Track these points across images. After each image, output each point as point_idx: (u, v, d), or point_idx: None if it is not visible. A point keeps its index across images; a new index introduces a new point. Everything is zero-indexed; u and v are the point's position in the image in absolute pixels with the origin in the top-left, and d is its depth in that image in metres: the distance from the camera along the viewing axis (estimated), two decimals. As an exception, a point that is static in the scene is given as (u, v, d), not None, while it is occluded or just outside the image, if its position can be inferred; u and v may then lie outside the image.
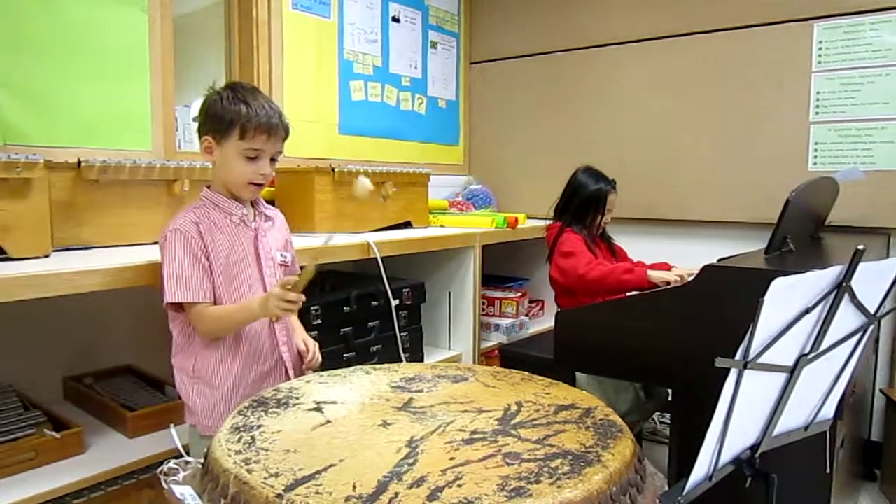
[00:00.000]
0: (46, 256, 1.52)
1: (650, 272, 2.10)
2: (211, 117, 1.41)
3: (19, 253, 1.46)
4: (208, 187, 1.49)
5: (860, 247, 0.87)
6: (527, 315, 3.00)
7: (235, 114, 1.38)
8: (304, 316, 1.80)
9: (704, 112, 2.80)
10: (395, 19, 3.00)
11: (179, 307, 1.41)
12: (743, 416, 0.91)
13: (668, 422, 2.82)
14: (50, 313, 1.80)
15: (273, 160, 1.46)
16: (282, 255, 1.55)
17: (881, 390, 2.49)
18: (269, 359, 1.50)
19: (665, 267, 2.23)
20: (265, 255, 1.49)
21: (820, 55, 2.54)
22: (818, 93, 2.56)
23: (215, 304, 1.41)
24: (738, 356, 0.84)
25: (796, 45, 2.57)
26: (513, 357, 2.42)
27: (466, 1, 3.41)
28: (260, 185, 1.46)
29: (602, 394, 2.04)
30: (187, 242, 1.38)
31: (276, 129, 1.42)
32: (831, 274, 0.89)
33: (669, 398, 2.33)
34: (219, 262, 1.41)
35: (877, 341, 2.46)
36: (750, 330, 0.82)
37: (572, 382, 1.98)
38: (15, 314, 1.66)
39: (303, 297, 1.34)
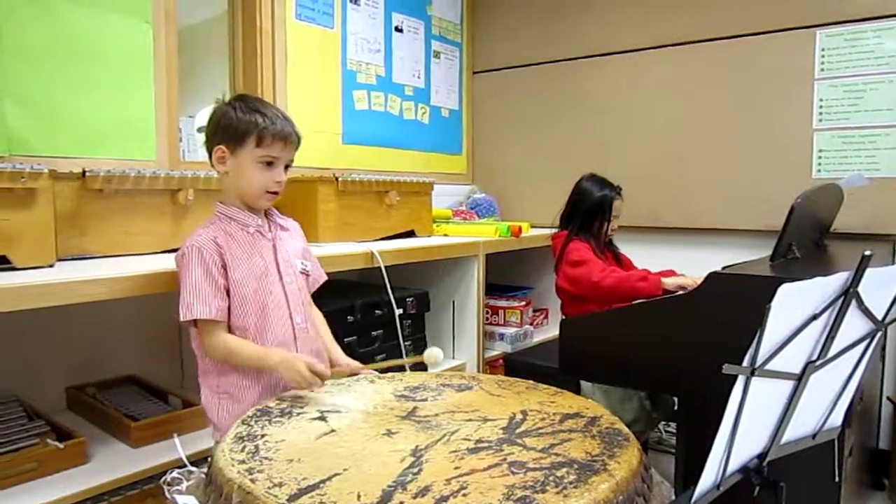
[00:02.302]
0: (50, 266, 1.52)
1: (664, 279, 2.08)
2: (224, 128, 1.41)
3: (23, 262, 1.46)
4: (221, 202, 1.48)
5: (867, 252, 0.87)
6: (531, 324, 2.99)
7: (251, 123, 1.39)
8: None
9: (708, 120, 2.80)
10: (398, 29, 3.01)
11: (195, 324, 1.40)
12: (750, 424, 0.90)
13: (674, 431, 2.80)
14: (54, 323, 1.80)
15: (286, 167, 1.47)
16: (302, 263, 1.55)
17: (888, 398, 2.47)
18: None
19: (672, 275, 2.22)
20: (284, 264, 1.49)
21: (823, 63, 2.54)
22: (821, 100, 2.56)
23: (229, 321, 1.40)
24: (745, 363, 0.83)
25: (799, 52, 2.57)
26: (517, 366, 2.41)
27: (469, 11, 3.43)
28: (275, 194, 1.46)
29: (607, 403, 2.03)
30: (202, 259, 1.37)
31: (291, 137, 1.44)
32: (838, 280, 0.88)
33: (676, 408, 2.31)
34: (238, 276, 1.40)
35: (883, 349, 2.44)
36: (757, 336, 0.82)
37: (577, 392, 1.96)
38: (19, 324, 1.66)
39: (324, 385, 1.31)
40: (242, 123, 1.39)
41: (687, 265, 2.39)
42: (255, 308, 1.41)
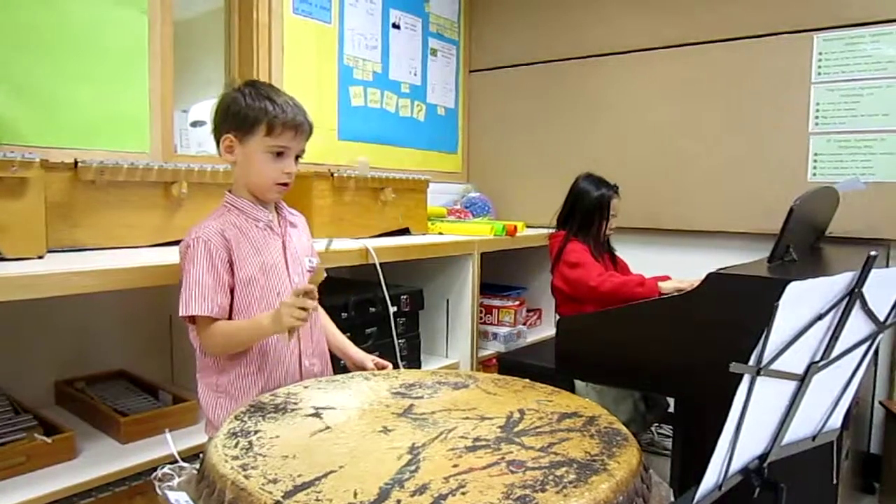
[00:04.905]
0: (41, 257, 1.49)
1: (661, 284, 2.08)
2: (233, 115, 1.36)
3: (13, 253, 1.44)
4: (230, 192, 1.43)
5: (872, 252, 0.86)
6: (524, 324, 2.97)
7: (261, 111, 1.34)
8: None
9: (705, 122, 2.79)
10: (396, 26, 3.00)
11: (193, 320, 1.36)
12: (752, 425, 0.89)
13: (667, 433, 2.80)
14: (42, 315, 1.77)
15: (297, 158, 1.42)
16: (309, 261, 1.50)
17: (881, 402, 2.48)
18: (295, 374, 1.44)
19: (668, 280, 2.21)
20: (293, 261, 1.44)
21: (820, 66, 2.55)
22: (818, 104, 2.56)
23: (231, 318, 1.36)
24: (751, 362, 0.82)
25: (796, 56, 2.58)
26: (512, 365, 2.40)
27: (467, 9, 3.42)
28: (286, 186, 1.41)
29: (601, 403, 2.01)
30: (208, 253, 1.32)
31: (303, 126, 1.39)
32: (844, 280, 0.87)
33: (669, 409, 2.31)
34: (246, 272, 1.36)
35: (876, 353, 2.44)
36: (763, 335, 0.81)
37: (571, 391, 1.95)
38: (7, 315, 1.63)
39: (316, 304, 1.27)
40: (252, 111, 1.34)
41: (682, 267, 2.39)
42: (259, 307, 1.37)
